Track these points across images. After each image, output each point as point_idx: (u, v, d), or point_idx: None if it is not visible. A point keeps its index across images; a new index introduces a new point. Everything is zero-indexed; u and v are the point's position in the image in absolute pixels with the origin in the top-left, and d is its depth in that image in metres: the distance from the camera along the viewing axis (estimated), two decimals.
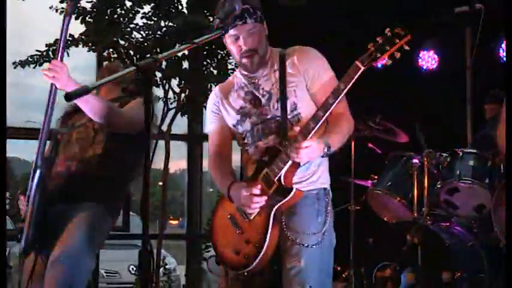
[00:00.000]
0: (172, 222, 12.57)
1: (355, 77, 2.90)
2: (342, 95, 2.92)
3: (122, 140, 3.65)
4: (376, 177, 5.81)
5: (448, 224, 5.42)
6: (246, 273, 3.14)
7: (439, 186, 5.42)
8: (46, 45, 6.22)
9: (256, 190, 3.04)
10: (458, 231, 5.35)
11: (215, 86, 6.69)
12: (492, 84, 3.39)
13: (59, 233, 3.49)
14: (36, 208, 3.41)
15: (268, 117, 3.21)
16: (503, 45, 5.56)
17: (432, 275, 5.09)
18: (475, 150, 5.41)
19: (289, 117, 3.16)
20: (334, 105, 2.92)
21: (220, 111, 3.39)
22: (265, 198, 3.04)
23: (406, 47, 2.90)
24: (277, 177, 3.04)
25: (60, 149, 3.77)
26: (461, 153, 5.38)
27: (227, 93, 3.39)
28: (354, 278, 5.81)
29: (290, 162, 3.01)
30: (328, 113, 2.94)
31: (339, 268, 6.01)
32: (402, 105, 6.20)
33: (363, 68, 2.89)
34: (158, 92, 6.75)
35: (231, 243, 3.20)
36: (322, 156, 3.10)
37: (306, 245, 3.07)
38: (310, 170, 3.16)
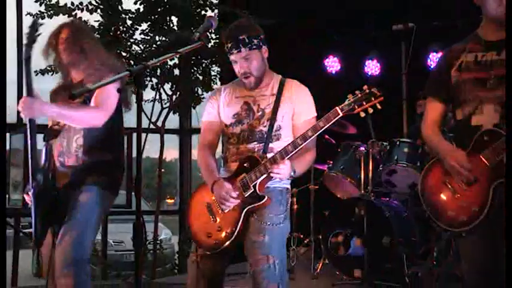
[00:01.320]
0: (169, 201, 12.56)
1: (334, 120, 2.96)
2: (320, 131, 2.98)
3: (100, 131, 3.41)
4: (331, 162, 5.85)
5: (387, 199, 5.61)
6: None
7: (380, 169, 5.59)
8: None
9: (234, 194, 3.05)
10: (395, 204, 5.53)
11: (201, 89, 6.97)
12: (422, 86, 3.50)
13: (66, 214, 3.36)
14: (38, 214, 3.30)
15: (256, 129, 3.21)
16: (430, 56, 5.78)
17: (375, 240, 5.19)
18: (409, 140, 5.56)
19: (272, 134, 3.18)
20: (311, 138, 2.99)
21: (219, 107, 3.35)
22: (239, 200, 3.06)
23: (379, 106, 2.95)
24: (253, 184, 3.05)
25: (54, 151, 3.52)
26: (398, 142, 5.55)
27: (231, 95, 3.35)
28: (313, 243, 5.84)
29: (266, 174, 3.03)
30: (305, 143, 2.99)
31: (302, 236, 6.09)
32: None
33: (341, 114, 2.94)
34: (153, 94, 6.92)
35: (204, 227, 3.16)
36: (287, 178, 3.14)
37: (269, 224, 3.08)
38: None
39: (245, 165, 3.11)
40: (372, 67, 6.64)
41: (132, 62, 6.56)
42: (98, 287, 6.63)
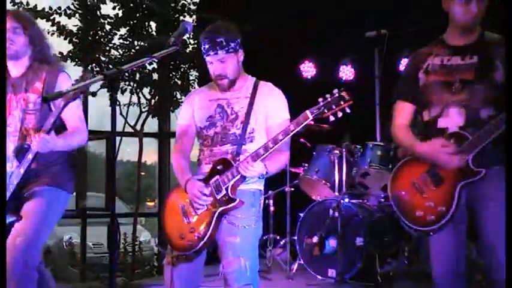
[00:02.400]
0: (149, 203, 12.50)
1: (304, 123, 2.93)
2: (291, 134, 2.96)
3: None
4: (306, 165, 5.86)
5: (361, 200, 5.61)
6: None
7: (354, 171, 5.61)
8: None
9: (207, 192, 3.06)
10: (369, 206, 5.55)
11: (179, 93, 6.96)
12: (394, 89, 3.51)
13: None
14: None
15: (230, 132, 3.19)
16: (402, 61, 5.83)
17: (349, 240, 5.20)
18: (381, 143, 5.58)
19: (245, 136, 3.17)
20: (282, 141, 2.95)
21: (193, 110, 3.33)
22: (211, 199, 3.05)
23: (348, 110, 2.91)
24: (225, 187, 3.04)
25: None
26: (371, 145, 5.57)
27: (205, 98, 3.33)
28: (289, 245, 5.84)
29: (238, 176, 3.02)
30: (276, 146, 2.96)
31: (278, 237, 6.09)
32: None
33: (311, 118, 2.92)
34: (133, 98, 6.90)
35: (178, 228, 3.14)
36: (259, 178, 3.15)
37: (241, 225, 3.07)
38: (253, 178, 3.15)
39: (218, 167, 3.10)
40: (346, 72, 6.65)
41: (111, 67, 6.48)
42: None
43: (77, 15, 6.71)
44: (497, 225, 2.93)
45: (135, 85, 6.84)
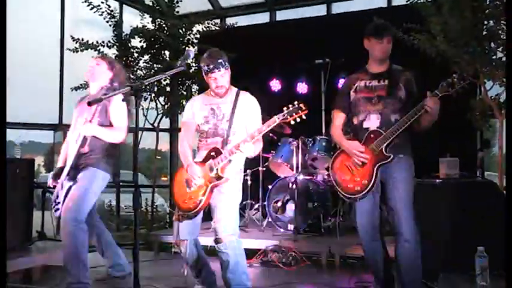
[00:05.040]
0: (163, 178, 12.42)
1: (272, 125, 2.94)
2: (263, 132, 2.96)
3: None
4: (273, 152, 5.81)
5: (311, 177, 5.59)
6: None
7: (307, 156, 5.60)
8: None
9: (201, 174, 3.03)
10: (317, 181, 5.53)
11: (185, 101, 6.92)
12: (333, 101, 3.53)
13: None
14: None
15: (219, 128, 3.15)
16: (340, 80, 5.82)
17: (303, 205, 5.22)
18: (326, 137, 5.57)
19: (230, 131, 3.12)
20: (263, 133, 2.96)
21: (194, 111, 3.25)
22: (205, 179, 3.03)
23: (303, 117, 2.93)
24: (216, 168, 3.02)
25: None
26: (319, 138, 5.58)
27: (202, 103, 3.25)
28: (261, 208, 5.88)
29: (226, 160, 3.01)
30: (260, 135, 2.98)
31: (253, 202, 6.05)
32: None
33: (277, 122, 2.92)
34: (152, 104, 6.86)
35: (182, 196, 3.11)
36: (250, 156, 3.11)
37: (227, 194, 3.08)
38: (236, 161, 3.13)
39: (212, 154, 3.08)
40: (302, 87, 6.59)
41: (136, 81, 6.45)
42: (114, 236, 6.62)
43: (114, 46, 6.71)
44: (399, 194, 3.00)
45: (153, 95, 6.79)
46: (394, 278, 3.19)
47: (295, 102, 2.92)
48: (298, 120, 2.94)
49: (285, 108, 2.93)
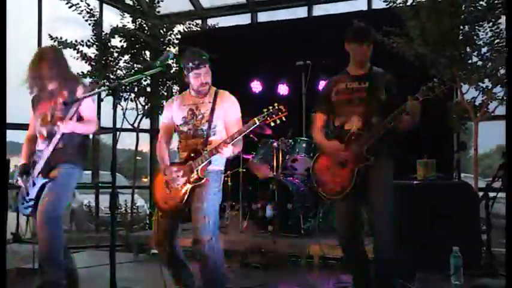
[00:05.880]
0: (143, 179, 12.34)
1: (252, 127, 2.87)
2: (244, 133, 2.91)
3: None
4: (254, 153, 5.81)
5: (291, 178, 5.58)
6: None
7: (287, 158, 5.59)
8: None
9: (179, 174, 3.01)
10: (296, 182, 5.52)
11: (165, 101, 6.84)
12: (314, 103, 3.52)
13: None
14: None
15: (199, 128, 3.09)
16: (321, 83, 5.83)
17: (282, 206, 5.22)
18: (306, 138, 5.60)
19: (210, 131, 3.07)
20: (238, 138, 2.91)
21: (172, 112, 3.20)
22: (184, 179, 3.00)
23: (284, 119, 2.90)
24: (196, 169, 2.99)
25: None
26: (299, 140, 5.59)
27: (180, 104, 3.19)
28: (241, 209, 5.82)
29: (206, 161, 2.97)
30: (234, 140, 2.92)
31: (233, 203, 6.05)
32: None
33: (257, 123, 2.85)
34: (132, 104, 6.80)
35: (162, 197, 3.07)
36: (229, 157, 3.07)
37: (207, 195, 3.01)
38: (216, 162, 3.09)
39: (191, 155, 3.04)
40: (283, 89, 6.61)
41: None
42: (93, 237, 6.58)
43: (94, 46, 6.61)
44: (378, 195, 3.00)
45: (134, 95, 6.72)
46: (372, 278, 3.20)
47: (275, 104, 2.89)
48: (278, 122, 2.91)
49: (264, 110, 2.90)
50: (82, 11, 6.45)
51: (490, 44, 4.66)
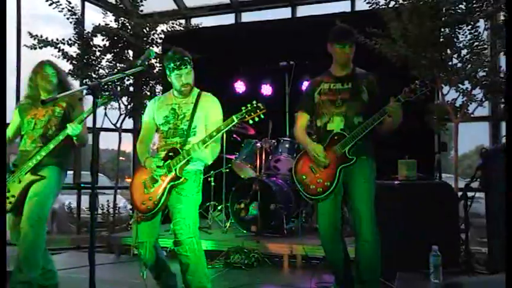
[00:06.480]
0: (126, 180, 12.22)
1: (231, 125, 2.83)
2: (221, 132, 2.86)
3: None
4: (237, 153, 5.81)
5: (274, 178, 5.57)
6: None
7: (270, 158, 5.58)
8: None
9: (160, 164, 2.97)
10: (280, 182, 5.51)
11: (148, 101, 6.76)
12: (297, 103, 3.52)
13: None
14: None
15: (179, 127, 3.07)
16: (304, 83, 5.83)
17: (265, 206, 5.21)
18: (289, 139, 5.58)
19: (190, 131, 3.04)
20: (216, 136, 2.86)
21: (154, 111, 3.17)
22: (165, 171, 2.95)
23: (262, 116, 2.85)
24: (174, 168, 2.96)
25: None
26: (282, 140, 5.58)
27: (162, 103, 3.17)
28: (224, 209, 5.84)
29: (184, 160, 2.94)
30: (213, 139, 2.87)
31: (216, 204, 6.02)
32: None
33: (236, 121, 2.82)
34: (115, 104, 6.68)
35: (140, 197, 3.02)
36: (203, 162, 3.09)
37: (186, 195, 3.00)
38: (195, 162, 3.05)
39: (170, 154, 3.01)
40: (266, 89, 6.58)
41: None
42: (74, 239, 6.50)
43: (76, 44, 6.48)
44: (360, 195, 3.03)
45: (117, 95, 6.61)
46: (353, 278, 3.22)
47: (253, 102, 2.87)
48: (256, 119, 2.88)
49: (243, 108, 2.88)
50: (63, 8, 6.34)
51: (469, 47, 4.73)
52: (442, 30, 4.90)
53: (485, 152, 3.80)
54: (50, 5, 6.23)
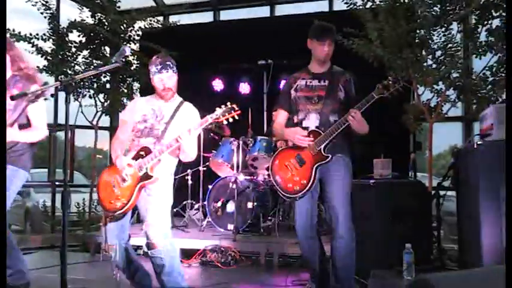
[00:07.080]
0: None
1: (204, 125, 2.87)
2: (195, 131, 2.86)
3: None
4: (214, 151, 5.77)
5: (252, 177, 5.61)
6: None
7: (247, 156, 5.57)
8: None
9: (131, 163, 2.93)
10: (257, 181, 5.56)
11: (126, 98, 6.72)
12: (275, 101, 3.53)
13: None
14: None
15: (154, 128, 3.04)
16: (282, 82, 5.84)
17: (242, 204, 5.23)
18: (266, 137, 5.59)
19: (165, 134, 3.01)
20: (195, 132, 2.87)
21: (134, 110, 3.14)
22: (135, 170, 2.91)
23: (236, 117, 2.89)
24: (145, 166, 2.92)
25: None
26: (259, 139, 5.57)
27: (144, 103, 3.14)
28: (201, 208, 5.83)
29: (156, 159, 2.91)
30: (193, 134, 2.87)
31: (193, 202, 5.99)
32: None
33: (210, 121, 2.85)
34: (91, 101, 6.61)
35: (109, 196, 2.96)
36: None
37: (156, 196, 2.98)
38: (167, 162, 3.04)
39: (141, 153, 2.97)
40: (244, 88, 6.59)
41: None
42: (48, 238, 6.36)
43: (51, 40, 6.33)
44: (337, 192, 3.05)
45: (93, 92, 6.52)
46: (329, 274, 3.24)
47: (228, 103, 2.89)
48: (230, 120, 2.89)
49: (218, 108, 2.89)
50: (37, 2, 6.20)
51: (443, 48, 4.80)
52: (418, 31, 4.97)
53: (456, 151, 3.86)
54: None
